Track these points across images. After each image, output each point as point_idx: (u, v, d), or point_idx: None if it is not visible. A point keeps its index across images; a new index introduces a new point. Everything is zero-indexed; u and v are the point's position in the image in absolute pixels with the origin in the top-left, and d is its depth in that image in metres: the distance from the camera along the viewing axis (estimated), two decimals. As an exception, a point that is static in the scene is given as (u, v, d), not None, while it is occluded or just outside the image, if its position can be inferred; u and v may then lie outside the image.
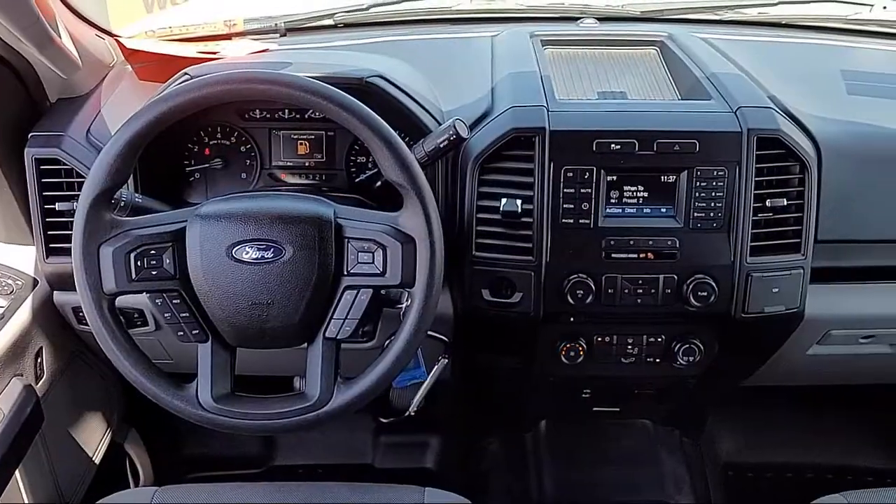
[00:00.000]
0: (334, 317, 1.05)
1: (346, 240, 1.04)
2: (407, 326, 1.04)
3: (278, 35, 1.65)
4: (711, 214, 1.22)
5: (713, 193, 1.22)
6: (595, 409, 1.55)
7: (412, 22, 1.70)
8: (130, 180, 1.23)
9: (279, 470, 1.92)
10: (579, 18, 1.68)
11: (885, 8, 1.70)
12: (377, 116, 1.02)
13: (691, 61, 1.41)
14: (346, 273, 1.04)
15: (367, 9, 1.71)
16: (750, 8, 1.77)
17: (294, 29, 1.68)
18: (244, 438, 1.89)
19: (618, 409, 1.57)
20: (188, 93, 0.99)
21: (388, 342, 1.08)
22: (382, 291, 1.20)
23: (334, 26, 1.69)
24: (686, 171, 1.22)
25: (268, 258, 1.01)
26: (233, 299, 1.02)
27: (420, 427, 1.93)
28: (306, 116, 1.36)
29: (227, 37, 1.64)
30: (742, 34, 1.68)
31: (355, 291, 1.04)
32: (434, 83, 1.40)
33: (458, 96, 1.35)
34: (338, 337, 1.05)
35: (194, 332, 1.04)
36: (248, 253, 1.01)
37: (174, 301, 1.03)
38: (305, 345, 1.07)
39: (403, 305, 1.17)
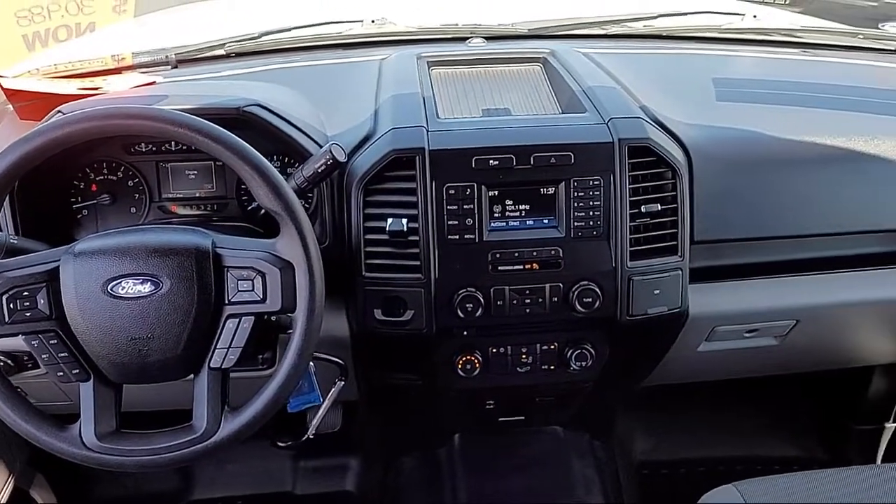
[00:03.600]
0: (218, 346, 1.05)
1: (226, 269, 1.04)
2: (291, 351, 1.05)
3: (169, 67, 1.65)
4: (591, 223, 1.26)
5: (591, 203, 1.26)
6: (500, 419, 1.58)
7: (304, 48, 1.72)
8: (8, 222, 1.21)
9: None
10: (468, 38, 1.73)
11: (755, 17, 1.80)
12: (246, 145, 1.04)
13: (570, 76, 1.46)
14: (227, 302, 1.04)
15: (258, 37, 1.72)
16: (633, 22, 1.84)
17: (185, 60, 1.68)
18: (158, 474, 1.86)
19: (523, 418, 1.60)
20: (49, 132, 0.99)
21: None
22: (273, 318, 1.21)
23: (226, 56, 1.70)
24: (564, 183, 1.26)
25: (145, 292, 1.01)
26: (112, 336, 1.01)
27: (339, 449, 1.94)
28: (193, 148, 1.36)
29: (117, 71, 1.63)
30: (625, 47, 1.74)
31: (237, 320, 1.04)
32: (320, 108, 1.41)
33: (343, 120, 1.37)
34: (223, 366, 1.05)
35: (74, 371, 1.03)
36: (124, 288, 1.01)
37: (51, 342, 1.02)
38: (192, 376, 1.07)
39: (296, 330, 1.18)
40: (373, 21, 1.78)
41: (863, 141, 1.37)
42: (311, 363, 1.26)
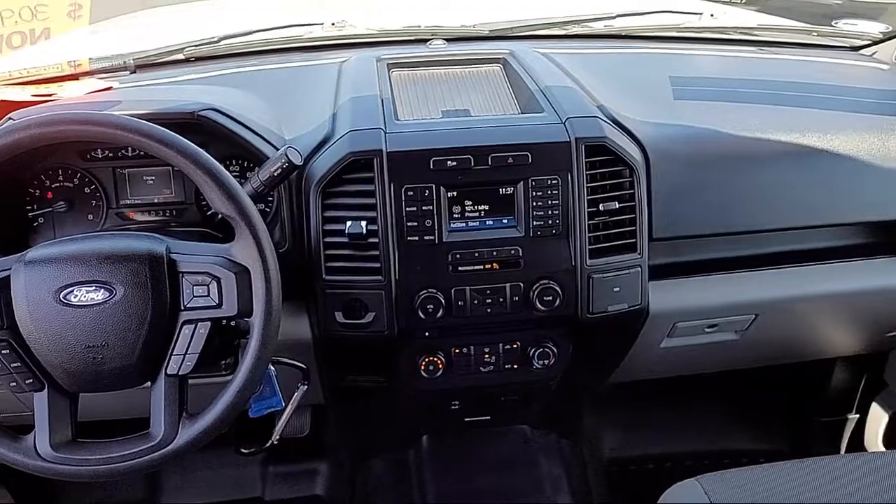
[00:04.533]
0: (174, 353, 1.04)
1: (181, 274, 1.04)
2: (248, 356, 1.05)
3: (127, 72, 1.63)
4: (550, 222, 1.27)
5: (549, 202, 1.27)
6: (466, 419, 1.58)
7: (264, 52, 1.71)
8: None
9: None
10: (429, 40, 1.73)
11: (712, 16, 1.82)
12: (199, 149, 1.03)
13: (528, 76, 1.46)
14: (182, 308, 1.04)
15: (218, 41, 1.71)
16: (593, 22, 1.85)
17: (144, 65, 1.66)
18: (125, 482, 1.84)
19: (489, 418, 1.61)
20: None
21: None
22: (233, 322, 1.20)
23: (186, 60, 1.69)
24: (522, 182, 1.26)
25: (98, 300, 1.00)
26: (65, 344, 1.00)
27: (308, 454, 1.93)
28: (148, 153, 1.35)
29: (74, 77, 1.61)
30: (585, 47, 1.76)
31: (193, 325, 1.04)
32: (278, 112, 1.41)
33: (302, 123, 1.37)
34: (180, 373, 1.05)
35: (28, 381, 1.02)
36: (77, 296, 1.00)
37: (3, 351, 1.01)
38: (149, 384, 1.06)
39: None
40: (333, 24, 1.78)
41: (816, 137, 1.39)
42: (273, 367, 1.25)
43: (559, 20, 1.84)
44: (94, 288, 1.00)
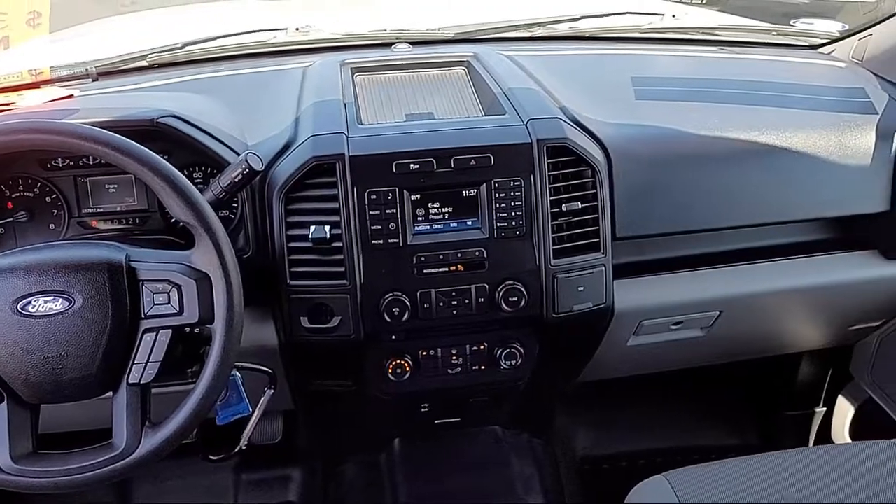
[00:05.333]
0: (136, 362, 1.03)
1: (141, 282, 1.03)
2: (210, 363, 1.04)
3: (90, 80, 1.62)
4: (513, 223, 1.28)
5: (512, 203, 1.27)
6: (436, 421, 1.59)
7: (228, 58, 1.70)
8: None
9: None
10: (394, 44, 1.73)
11: (674, 16, 1.84)
12: (156, 156, 1.03)
13: (491, 78, 1.47)
14: (143, 316, 1.03)
15: (181, 47, 1.70)
16: (557, 24, 1.87)
17: (106, 73, 1.65)
18: (96, 493, 1.82)
19: (459, 419, 1.61)
20: None
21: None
22: (197, 330, 1.20)
23: (149, 67, 1.68)
24: (485, 184, 1.27)
25: (57, 310, 0.99)
26: (24, 356, 0.99)
27: (280, 460, 1.92)
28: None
29: (35, 85, 1.60)
30: (549, 49, 1.77)
31: (154, 334, 1.03)
32: (241, 117, 1.40)
33: (265, 129, 1.36)
34: (141, 382, 1.04)
35: (-14, 393, 1.01)
36: (35, 306, 0.99)
37: None
38: (111, 393, 1.06)
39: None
40: (297, 29, 1.78)
41: (775, 135, 1.41)
42: (238, 373, 1.25)
43: (524, 23, 1.85)
44: (52, 298, 0.99)
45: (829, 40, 1.78)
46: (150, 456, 1.04)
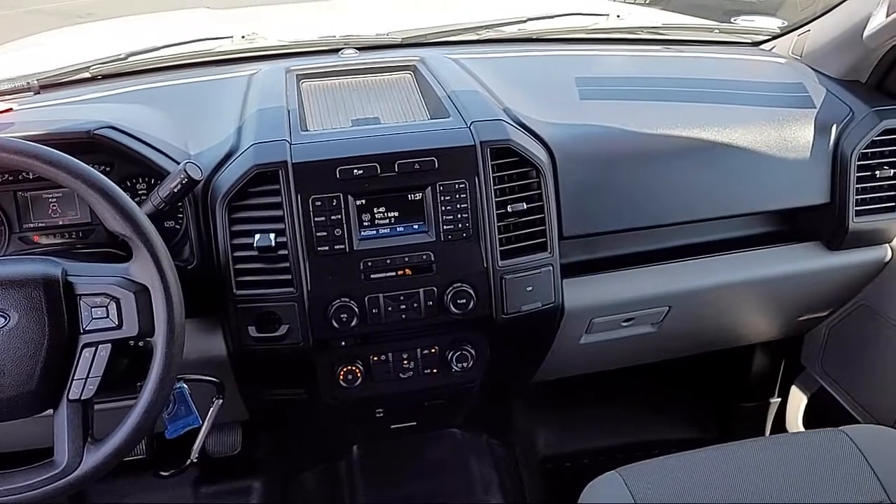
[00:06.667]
0: (75, 377, 1.02)
1: (78, 297, 1.02)
2: (152, 376, 1.03)
3: (31, 93, 1.59)
4: (460, 225, 1.28)
5: (458, 205, 1.28)
6: (392, 426, 1.58)
7: (173, 67, 1.69)
8: None
9: None
10: (341, 50, 1.73)
11: (619, 16, 1.86)
12: (89, 169, 1.01)
13: (437, 82, 1.48)
14: (81, 331, 1.02)
15: (125, 58, 1.68)
16: (505, 26, 1.88)
17: (48, 85, 1.63)
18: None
19: (415, 423, 1.61)
20: None
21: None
22: (141, 343, 1.18)
23: (92, 79, 1.66)
24: (430, 188, 1.27)
25: None
26: None
27: (240, 472, 1.90)
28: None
29: (-26, 100, 1.57)
30: (497, 52, 1.77)
31: (94, 348, 1.02)
32: (184, 127, 1.39)
33: (207, 138, 1.35)
34: (82, 397, 1.03)
35: (-78, 413, 0.99)
36: None
37: None
38: (51, 411, 1.04)
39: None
40: (243, 37, 1.77)
41: (717, 131, 1.43)
42: (186, 385, 1.24)
43: (472, 26, 1.86)
44: None
45: (769, 37, 1.81)
46: (93, 472, 1.02)
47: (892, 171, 1.49)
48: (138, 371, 1.20)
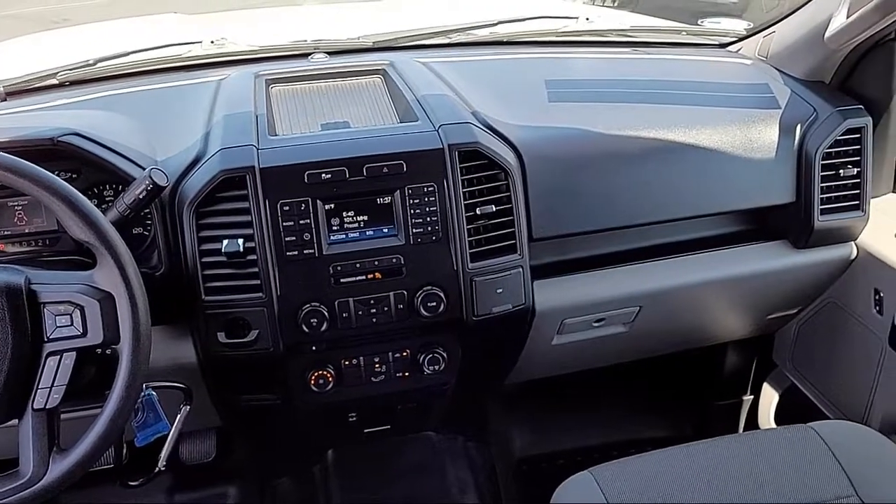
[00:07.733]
0: (40, 386, 1.01)
1: (42, 305, 1.01)
2: (118, 385, 1.03)
3: (-2, 100, 1.58)
4: (429, 228, 1.28)
5: (427, 209, 1.28)
6: (366, 430, 1.58)
7: (142, 73, 1.68)
8: None
9: None
10: (311, 54, 1.72)
11: (588, 19, 1.87)
12: (52, 176, 1.00)
13: (406, 86, 1.48)
14: (46, 339, 1.01)
15: (93, 64, 1.67)
16: (476, 30, 1.88)
17: (15, 92, 1.61)
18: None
19: (389, 427, 1.61)
20: None
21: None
22: (108, 351, 1.17)
23: (60, 85, 1.64)
24: (399, 191, 1.28)
25: None
26: None
27: (216, 479, 1.89)
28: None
29: (-61, 108, 1.55)
30: (467, 55, 1.78)
31: (58, 357, 1.01)
32: (152, 133, 1.38)
33: (175, 143, 1.35)
34: (47, 406, 1.02)
35: None
36: None
37: None
38: (16, 421, 1.03)
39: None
40: (213, 42, 1.76)
41: (684, 132, 1.45)
42: (154, 392, 1.23)
43: (442, 29, 1.86)
44: None
45: (736, 38, 1.83)
46: (59, 482, 1.01)
47: (856, 170, 1.51)
48: (106, 379, 1.20)
